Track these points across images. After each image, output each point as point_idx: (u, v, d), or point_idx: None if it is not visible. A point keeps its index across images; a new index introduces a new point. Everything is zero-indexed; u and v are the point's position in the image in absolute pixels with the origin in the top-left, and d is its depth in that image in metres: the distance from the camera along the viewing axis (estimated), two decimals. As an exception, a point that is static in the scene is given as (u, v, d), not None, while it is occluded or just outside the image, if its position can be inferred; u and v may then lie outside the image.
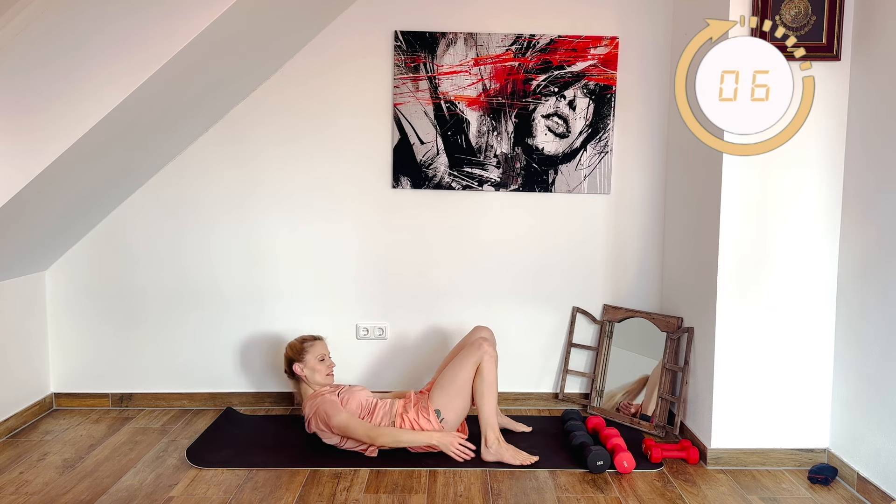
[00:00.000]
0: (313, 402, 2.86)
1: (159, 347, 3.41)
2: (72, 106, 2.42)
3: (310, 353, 2.94)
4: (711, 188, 2.79)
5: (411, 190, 3.38)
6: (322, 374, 2.94)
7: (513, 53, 3.30)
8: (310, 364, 2.93)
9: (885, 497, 2.41)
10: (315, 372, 2.92)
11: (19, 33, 2.37)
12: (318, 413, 2.81)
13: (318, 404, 2.83)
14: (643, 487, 2.60)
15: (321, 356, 2.95)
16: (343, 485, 2.59)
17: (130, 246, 3.36)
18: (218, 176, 3.35)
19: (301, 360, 2.93)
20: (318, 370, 2.93)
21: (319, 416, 2.81)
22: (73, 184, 2.77)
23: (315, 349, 2.96)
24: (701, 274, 2.90)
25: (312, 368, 2.92)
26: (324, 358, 2.96)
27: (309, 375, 2.92)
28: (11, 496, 2.50)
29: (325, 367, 2.96)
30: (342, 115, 3.34)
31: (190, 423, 3.22)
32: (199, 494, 2.52)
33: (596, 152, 3.36)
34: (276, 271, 3.40)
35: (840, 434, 2.71)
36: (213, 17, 2.37)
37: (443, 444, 2.75)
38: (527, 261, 3.43)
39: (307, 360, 2.93)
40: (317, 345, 2.98)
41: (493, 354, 2.84)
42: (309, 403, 2.88)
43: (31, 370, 3.26)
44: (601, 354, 3.38)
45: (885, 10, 2.46)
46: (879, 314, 2.47)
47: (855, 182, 2.63)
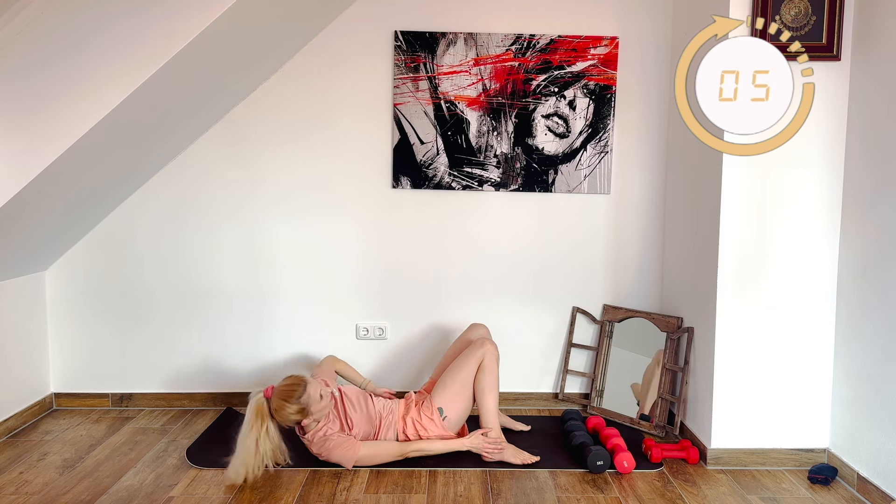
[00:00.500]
0: (322, 446, 2.67)
1: (159, 347, 3.41)
2: (72, 106, 2.42)
3: (311, 405, 2.61)
4: (711, 188, 2.79)
5: (411, 190, 3.38)
6: (328, 407, 2.69)
7: (513, 53, 3.30)
8: (315, 411, 2.63)
9: (885, 497, 2.41)
10: (322, 410, 2.66)
11: (19, 33, 2.37)
12: (331, 456, 2.67)
13: (329, 451, 2.66)
14: (643, 487, 2.60)
15: (318, 396, 2.63)
16: (343, 485, 2.59)
17: (131, 246, 3.36)
18: (218, 176, 3.35)
19: (308, 414, 2.62)
20: (324, 407, 2.66)
21: (335, 461, 2.68)
22: (73, 184, 2.77)
23: (311, 398, 2.60)
24: (701, 274, 2.90)
25: (318, 411, 2.65)
26: (321, 395, 2.64)
27: (317, 416, 2.66)
28: (11, 496, 2.50)
29: (327, 399, 2.67)
30: (342, 115, 3.34)
31: (190, 423, 3.22)
32: (199, 494, 2.52)
33: (596, 152, 3.36)
34: (276, 271, 3.40)
35: (840, 434, 2.71)
36: (213, 17, 2.37)
37: (476, 448, 2.76)
38: (527, 261, 3.43)
39: (312, 411, 2.62)
40: (309, 392, 2.60)
41: (495, 352, 2.85)
42: (316, 444, 2.69)
43: (31, 370, 3.26)
44: (601, 354, 3.38)
45: (885, 10, 2.46)
46: (879, 314, 2.47)
47: (855, 182, 2.63)
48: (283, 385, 2.63)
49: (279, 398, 2.59)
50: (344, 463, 2.68)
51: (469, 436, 2.79)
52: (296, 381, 2.63)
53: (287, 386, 2.61)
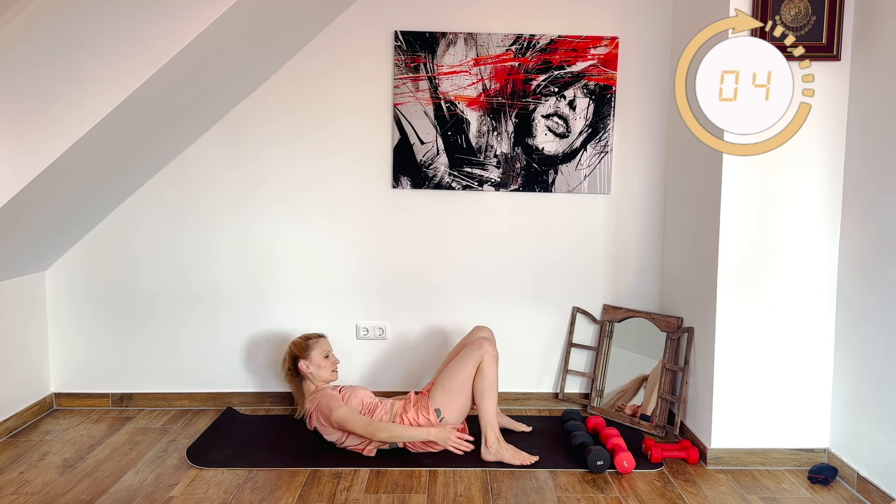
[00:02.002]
0: (315, 396, 2.89)
1: (159, 347, 3.41)
2: (72, 106, 2.42)
3: (315, 350, 2.96)
4: (711, 188, 2.79)
5: (411, 190, 3.38)
6: (327, 371, 2.96)
7: (513, 53, 3.30)
8: (315, 360, 2.95)
9: (885, 497, 2.41)
10: (320, 368, 2.95)
11: (19, 33, 2.37)
12: (319, 407, 2.83)
13: (319, 398, 2.86)
14: (643, 487, 2.61)
15: (325, 353, 2.98)
16: (343, 485, 2.60)
17: (131, 246, 3.36)
18: (218, 176, 3.35)
19: (307, 357, 2.95)
20: (324, 366, 2.96)
21: (321, 411, 2.82)
22: (73, 184, 2.77)
23: (320, 346, 2.99)
24: (701, 274, 2.90)
25: (318, 364, 2.95)
26: (328, 354, 2.99)
27: (314, 371, 2.94)
28: (11, 496, 2.50)
29: (330, 363, 2.98)
30: (342, 115, 3.34)
31: (190, 423, 3.22)
32: (199, 494, 2.52)
33: (596, 152, 3.36)
34: (276, 271, 3.40)
35: (840, 434, 2.71)
36: (214, 17, 2.37)
37: (440, 439, 2.76)
38: (527, 261, 3.43)
39: (312, 356, 2.95)
40: (321, 342, 3.01)
41: (493, 354, 2.84)
42: (310, 398, 2.91)
43: (31, 370, 3.26)
44: (601, 354, 3.38)
45: (885, 10, 2.46)
46: (879, 314, 2.47)
47: (855, 182, 2.63)
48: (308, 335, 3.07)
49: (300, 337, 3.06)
50: (326, 412, 2.79)
51: (439, 427, 2.79)
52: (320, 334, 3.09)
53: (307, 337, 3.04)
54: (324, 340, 3.04)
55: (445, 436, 2.76)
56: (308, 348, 2.97)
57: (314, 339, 3.03)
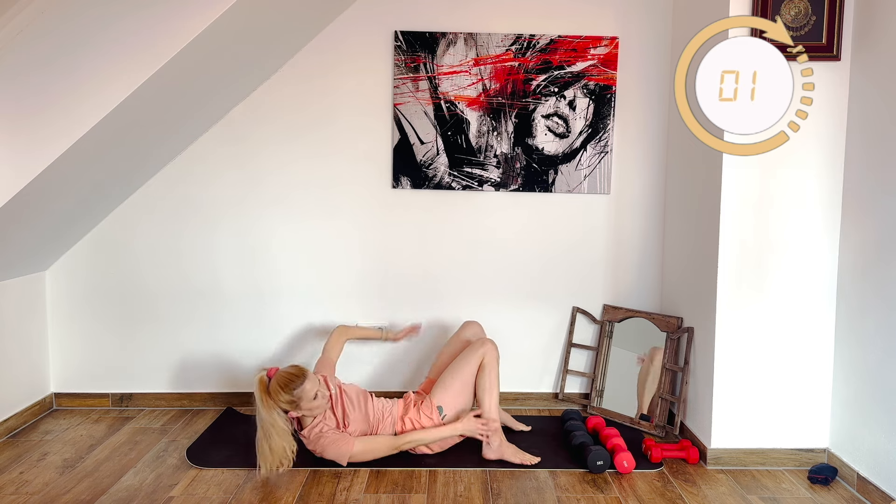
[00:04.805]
0: (317, 443, 2.68)
1: (159, 347, 3.41)
2: (72, 106, 2.42)
3: (304, 401, 2.61)
4: (711, 188, 2.79)
5: (411, 190, 3.38)
6: (321, 408, 2.68)
7: (513, 53, 3.30)
8: (306, 407, 2.63)
9: (885, 497, 2.41)
10: (313, 409, 2.65)
11: (19, 33, 2.37)
12: (326, 455, 2.68)
13: (324, 447, 2.66)
14: (643, 487, 2.61)
15: (313, 395, 2.62)
16: (343, 485, 2.59)
17: (131, 246, 3.36)
18: (218, 176, 3.35)
19: (297, 410, 2.63)
20: (316, 407, 2.65)
21: (330, 458, 2.68)
22: (73, 184, 2.77)
23: (305, 394, 2.59)
24: (701, 274, 2.90)
25: (309, 409, 2.65)
26: (316, 395, 2.63)
27: (307, 414, 2.68)
28: (11, 496, 2.50)
29: (322, 400, 2.66)
30: (342, 115, 3.34)
31: (190, 423, 3.22)
32: (199, 494, 2.52)
33: (596, 152, 3.36)
34: (276, 271, 3.40)
35: (840, 434, 2.71)
36: (214, 16, 2.38)
37: (469, 431, 2.77)
38: (527, 261, 3.43)
39: (303, 406, 2.62)
40: (305, 388, 2.59)
41: (495, 352, 2.85)
42: (311, 442, 2.70)
43: (31, 370, 3.26)
44: (601, 354, 3.38)
45: (885, 10, 2.46)
46: (879, 314, 2.47)
47: (855, 182, 2.63)
48: (285, 372, 2.63)
49: (277, 383, 2.60)
50: (339, 460, 2.67)
51: (462, 419, 2.77)
52: (297, 372, 2.63)
53: (287, 374, 2.62)
54: (308, 382, 2.60)
55: (473, 427, 2.76)
56: (295, 403, 2.60)
57: (297, 386, 2.58)
